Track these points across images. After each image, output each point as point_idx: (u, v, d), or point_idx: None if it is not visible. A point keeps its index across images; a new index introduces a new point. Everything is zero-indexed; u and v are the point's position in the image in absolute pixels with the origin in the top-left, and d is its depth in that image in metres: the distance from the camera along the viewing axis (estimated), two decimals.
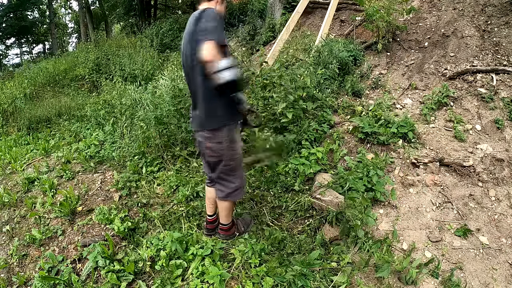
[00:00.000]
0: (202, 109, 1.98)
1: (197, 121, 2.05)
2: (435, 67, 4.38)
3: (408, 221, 2.75)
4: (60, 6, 27.06)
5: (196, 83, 1.94)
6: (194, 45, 1.84)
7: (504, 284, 2.30)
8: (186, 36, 1.95)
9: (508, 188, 2.94)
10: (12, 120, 6.08)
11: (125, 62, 6.90)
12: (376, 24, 4.76)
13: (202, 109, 1.98)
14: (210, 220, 2.52)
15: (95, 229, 2.91)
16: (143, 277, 2.37)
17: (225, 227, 2.46)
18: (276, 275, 2.20)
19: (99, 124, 4.99)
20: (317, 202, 2.80)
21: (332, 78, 4.51)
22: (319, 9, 7.05)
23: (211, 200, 2.41)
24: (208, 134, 2.01)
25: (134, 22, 14.87)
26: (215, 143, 2.02)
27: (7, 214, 3.22)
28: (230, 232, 2.51)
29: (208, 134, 2.01)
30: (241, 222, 2.61)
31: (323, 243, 2.55)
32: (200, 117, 2.01)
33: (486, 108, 3.68)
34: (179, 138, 3.87)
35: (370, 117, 3.69)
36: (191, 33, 1.88)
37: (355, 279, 2.26)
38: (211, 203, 2.44)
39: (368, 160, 3.11)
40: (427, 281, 2.27)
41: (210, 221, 2.52)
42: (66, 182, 3.66)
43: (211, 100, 1.94)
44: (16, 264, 2.64)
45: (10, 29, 19.78)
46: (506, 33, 4.34)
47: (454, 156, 3.24)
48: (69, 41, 30.15)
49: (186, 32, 1.95)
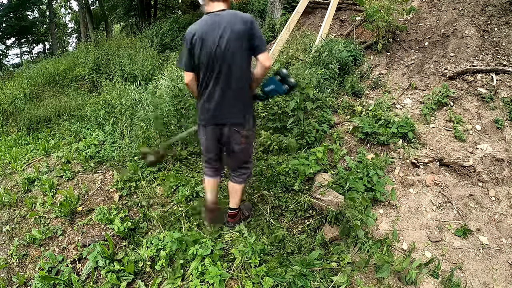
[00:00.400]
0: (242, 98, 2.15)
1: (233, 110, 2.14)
2: (435, 67, 4.38)
3: (408, 221, 2.75)
4: (60, 6, 27.07)
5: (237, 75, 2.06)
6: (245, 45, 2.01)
7: (504, 284, 2.30)
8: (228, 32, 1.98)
9: (508, 188, 2.94)
10: (12, 120, 6.07)
11: (125, 62, 6.89)
12: (376, 24, 4.77)
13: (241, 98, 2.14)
14: (212, 208, 2.57)
15: (95, 229, 2.91)
16: (143, 277, 2.37)
17: (234, 212, 2.57)
18: (276, 275, 2.20)
19: (99, 124, 4.99)
20: (317, 202, 2.80)
21: (332, 78, 4.51)
22: (319, 9, 7.05)
23: (215, 187, 2.52)
24: (245, 121, 2.17)
25: (134, 22, 14.88)
26: (250, 130, 2.23)
27: (7, 214, 3.22)
28: (237, 218, 2.63)
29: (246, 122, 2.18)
30: (244, 207, 2.75)
31: (323, 243, 2.55)
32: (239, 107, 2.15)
33: (486, 108, 3.68)
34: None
35: (370, 117, 3.69)
36: (240, 33, 1.98)
37: (355, 279, 2.26)
38: (214, 191, 2.53)
39: (368, 160, 3.11)
40: (427, 281, 2.27)
41: (212, 209, 2.57)
42: (66, 182, 3.66)
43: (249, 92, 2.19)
44: (16, 264, 2.65)
45: (10, 29, 19.79)
46: (506, 33, 4.34)
47: (454, 156, 3.24)
48: (69, 41, 30.18)
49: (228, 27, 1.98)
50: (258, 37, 2.01)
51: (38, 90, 7.12)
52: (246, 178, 2.45)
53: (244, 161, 2.37)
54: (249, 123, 2.21)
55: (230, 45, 1.99)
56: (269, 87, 2.25)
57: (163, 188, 3.32)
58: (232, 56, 2.01)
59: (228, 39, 1.98)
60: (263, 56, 2.03)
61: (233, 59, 2.02)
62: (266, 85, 2.26)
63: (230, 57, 2.01)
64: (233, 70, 2.05)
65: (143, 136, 3.89)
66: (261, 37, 2.03)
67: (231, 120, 2.15)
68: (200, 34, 2.03)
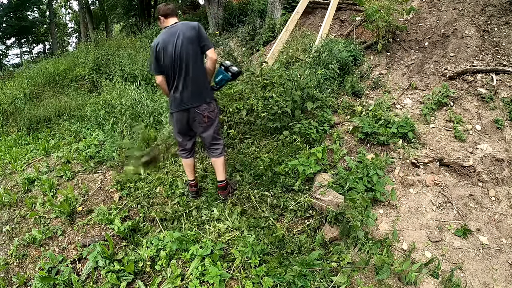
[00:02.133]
0: (200, 87, 2.67)
1: (195, 97, 2.66)
2: (435, 67, 4.38)
3: (408, 221, 2.75)
4: (60, 6, 27.08)
5: (193, 70, 2.61)
6: (195, 46, 2.59)
7: (504, 284, 2.30)
8: (182, 39, 2.56)
9: (508, 188, 2.94)
10: (12, 120, 6.07)
11: (125, 62, 6.88)
12: (376, 24, 4.77)
13: (199, 87, 2.66)
14: (193, 184, 3.05)
15: (95, 229, 2.91)
16: (143, 277, 2.37)
17: (223, 183, 2.98)
18: (276, 275, 2.20)
19: (99, 124, 4.99)
20: (317, 202, 2.80)
21: (332, 78, 4.51)
22: (319, 9, 7.06)
23: (191, 166, 2.99)
24: (206, 106, 2.69)
25: (134, 22, 14.87)
26: (210, 111, 2.73)
27: (7, 214, 3.22)
28: (227, 191, 3.03)
29: (206, 105, 2.70)
30: (232, 182, 3.14)
31: (323, 243, 2.55)
32: (199, 94, 2.66)
33: (486, 108, 3.68)
34: None
35: (370, 117, 3.69)
36: (191, 37, 2.57)
37: (355, 279, 2.26)
38: (192, 170, 3.01)
39: (368, 160, 3.11)
40: (427, 281, 2.27)
41: (193, 185, 3.05)
42: (66, 182, 3.66)
43: (205, 82, 2.71)
44: (16, 264, 2.64)
45: (10, 29, 19.80)
46: (506, 33, 4.34)
47: (454, 156, 3.24)
48: (69, 41, 30.18)
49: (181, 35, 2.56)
50: (204, 38, 2.61)
51: (38, 90, 7.12)
52: (221, 151, 2.89)
53: (212, 137, 2.82)
54: (209, 106, 2.72)
55: (185, 48, 2.56)
56: (218, 77, 2.84)
57: (163, 188, 3.32)
58: (187, 56, 2.57)
59: (182, 43, 2.55)
60: (210, 52, 2.65)
61: (188, 58, 2.58)
62: (216, 76, 2.84)
63: (186, 57, 2.57)
64: (190, 66, 2.59)
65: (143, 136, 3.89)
66: (207, 37, 2.65)
67: (193, 104, 2.67)
68: (162, 44, 2.59)
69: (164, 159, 3.69)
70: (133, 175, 3.45)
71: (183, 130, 2.83)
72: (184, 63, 2.58)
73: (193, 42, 2.57)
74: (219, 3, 9.02)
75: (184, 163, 3.00)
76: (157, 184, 3.37)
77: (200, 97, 2.67)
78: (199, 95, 2.66)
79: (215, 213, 2.86)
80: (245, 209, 2.92)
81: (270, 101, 3.75)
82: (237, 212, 2.84)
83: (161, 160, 3.66)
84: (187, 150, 2.93)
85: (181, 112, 2.70)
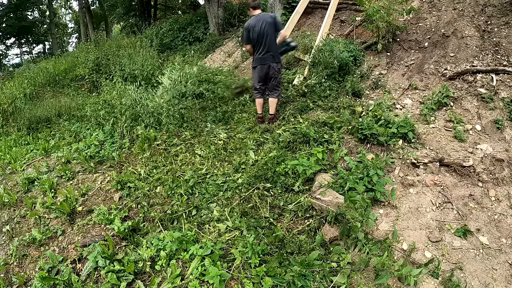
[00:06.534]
0: (274, 52, 4.07)
1: (270, 58, 4.05)
2: (435, 67, 4.38)
3: (408, 221, 2.75)
4: (60, 6, 27.07)
5: (270, 41, 4.01)
6: (272, 28, 3.98)
7: (504, 284, 2.30)
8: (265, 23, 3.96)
9: (508, 188, 2.94)
10: (12, 120, 6.07)
11: (125, 62, 6.87)
12: (376, 24, 4.77)
13: (273, 52, 4.06)
14: (260, 116, 4.32)
15: (95, 229, 2.91)
16: (143, 277, 2.37)
17: (272, 116, 4.26)
18: (276, 275, 2.20)
19: (99, 124, 4.98)
20: (317, 203, 2.80)
21: (332, 78, 4.51)
22: (319, 9, 7.05)
23: (261, 104, 4.29)
24: (276, 63, 4.11)
25: (134, 22, 14.84)
26: (279, 68, 4.17)
27: (7, 214, 3.22)
28: (273, 120, 4.25)
29: (276, 64, 4.09)
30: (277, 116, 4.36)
31: (323, 243, 2.54)
32: (273, 56, 4.06)
33: (486, 108, 3.68)
34: None
35: (370, 117, 3.69)
36: (271, 23, 3.97)
37: (355, 279, 2.26)
38: (261, 106, 4.29)
39: (368, 161, 3.11)
40: (427, 281, 2.27)
41: (260, 117, 4.32)
42: (66, 182, 3.66)
43: (277, 49, 4.12)
44: (16, 264, 2.64)
45: (10, 29, 19.80)
46: (506, 33, 4.34)
47: (454, 156, 3.24)
48: (69, 41, 30.15)
49: (264, 21, 3.96)
50: (278, 23, 4.06)
51: (38, 90, 7.11)
52: (278, 94, 4.25)
53: (275, 84, 4.18)
54: (278, 64, 4.13)
55: (266, 28, 3.96)
56: (282, 48, 4.32)
57: (163, 188, 3.32)
58: (267, 33, 3.98)
59: (265, 25, 3.96)
60: (282, 31, 4.11)
61: (268, 34, 3.98)
62: (282, 46, 4.27)
63: (267, 33, 3.98)
64: (269, 39, 3.99)
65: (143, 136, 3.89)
66: (280, 23, 4.16)
67: (269, 62, 4.07)
68: (252, 25, 4.01)
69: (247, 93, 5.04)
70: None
71: (260, 78, 4.16)
72: (265, 37, 3.99)
73: (271, 25, 3.98)
74: (219, 3, 9.00)
75: (257, 102, 4.29)
76: (157, 184, 3.37)
77: (273, 58, 4.07)
78: (273, 57, 4.07)
79: (215, 213, 2.86)
80: (245, 210, 2.92)
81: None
82: (237, 212, 2.84)
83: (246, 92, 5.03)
84: (260, 92, 4.24)
85: (262, 65, 4.10)
